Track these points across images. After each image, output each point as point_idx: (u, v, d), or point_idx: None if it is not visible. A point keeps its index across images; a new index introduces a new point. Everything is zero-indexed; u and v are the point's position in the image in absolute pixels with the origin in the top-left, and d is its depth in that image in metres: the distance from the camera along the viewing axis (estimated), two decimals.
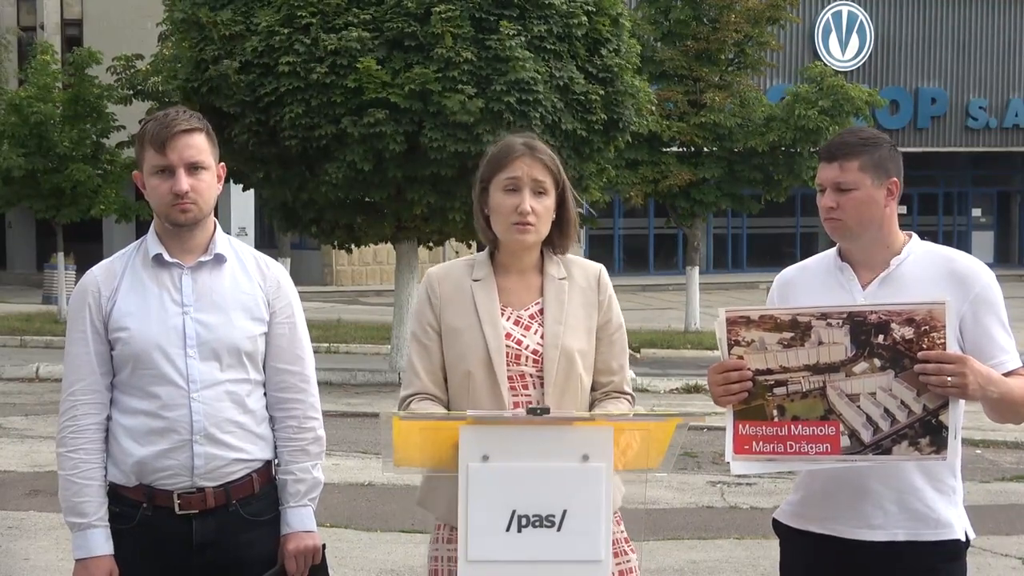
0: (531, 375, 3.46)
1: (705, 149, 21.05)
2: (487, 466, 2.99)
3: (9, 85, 26.16)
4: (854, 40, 34.60)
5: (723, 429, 3.38)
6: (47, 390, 14.74)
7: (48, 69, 21.97)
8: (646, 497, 8.82)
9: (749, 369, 3.28)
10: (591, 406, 3.53)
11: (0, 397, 14.44)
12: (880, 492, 3.41)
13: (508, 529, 2.99)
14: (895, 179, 3.50)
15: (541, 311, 3.51)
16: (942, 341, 3.17)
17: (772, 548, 7.68)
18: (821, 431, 3.24)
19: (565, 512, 3.00)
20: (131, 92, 21.12)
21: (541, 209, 3.46)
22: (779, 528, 3.68)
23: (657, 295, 29.64)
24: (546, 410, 3.08)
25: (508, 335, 3.46)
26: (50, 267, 25.33)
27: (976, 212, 38.85)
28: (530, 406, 3.29)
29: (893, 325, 3.19)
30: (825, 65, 22.95)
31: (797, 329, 3.25)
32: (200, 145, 3.49)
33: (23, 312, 23.75)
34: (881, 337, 3.20)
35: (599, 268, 3.61)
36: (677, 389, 15.17)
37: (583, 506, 3.00)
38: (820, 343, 3.24)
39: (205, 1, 14.65)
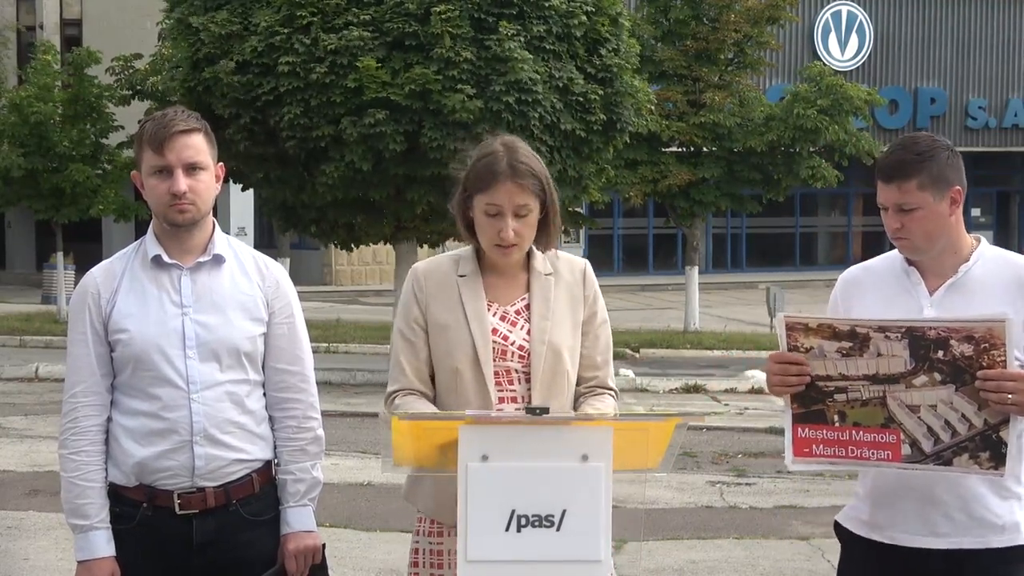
0: (517, 371, 3.47)
1: (704, 149, 21.05)
2: (486, 466, 2.99)
3: (8, 83, 26.16)
4: (853, 40, 34.60)
5: (723, 430, 3.40)
6: (47, 390, 14.74)
7: (49, 69, 21.96)
8: (646, 497, 8.82)
9: (810, 374, 3.28)
10: (575, 401, 3.53)
11: (0, 397, 14.43)
12: (947, 500, 3.38)
13: (507, 529, 2.99)
14: (957, 187, 3.39)
15: (527, 307, 3.51)
16: (1002, 359, 3.14)
17: (771, 548, 7.72)
18: (882, 438, 3.24)
19: (564, 512, 3.00)
20: (130, 92, 21.13)
21: (524, 229, 3.45)
22: (841, 532, 3.63)
23: (656, 295, 29.63)
24: (545, 410, 3.08)
25: (495, 331, 3.47)
26: (49, 267, 25.32)
27: (975, 212, 38.83)
28: (528, 406, 3.30)
29: (952, 342, 3.17)
30: (824, 65, 22.95)
31: (856, 339, 3.24)
32: (198, 145, 3.49)
33: (22, 312, 23.74)
34: (941, 353, 3.18)
35: (584, 263, 3.62)
36: (677, 389, 15.17)
37: (582, 506, 3.01)
38: (879, 354, 3.22)
39: (201, 2, 14.64)
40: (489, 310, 3.49)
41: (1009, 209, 39.38)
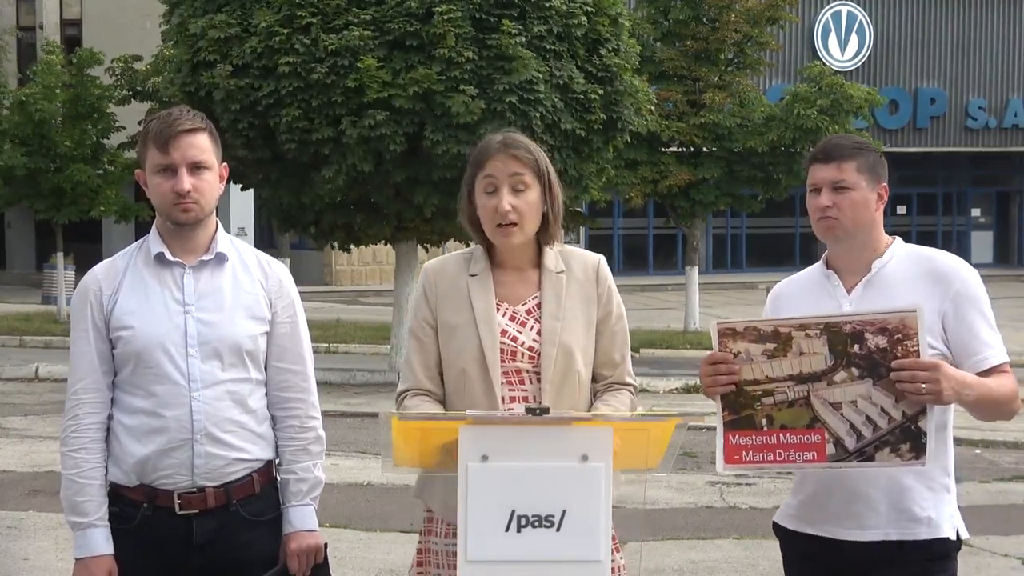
0: (527, 371, 3.45)
1: (704, 149, 21.05)
2: (486, 466, 2.99)
3: (9, 84, 26.17)
4: (853, 40, 34.60)
5: None
6: (46, 390, 14.74)
7: (53, 69, 21.95)
8: (646, 497, 8.82)
9: (737, 374, 3.34)
10: (593, 398, 3.52)
11: (0, 397, 14.43)
12: (872, 494, 3.46)
13: (508, 529, 2.99)
14: (884, 184, 3.56)
15: (538, 306, 3.49)
16: (915, 349, 3.21)
17: (771, 548, 7.69)
18: (808, 439, 3.29)
19: (564, 512, 3.00)
20: (129, 92, 21.11)
21: (523, 206, 3.42)
22: (778, 530, 3.73)
23: (656, 295, 29.63)
24: (545, 410, 3.08)
25: (504, 332, 3.45)
26: (49, 267, 25.32)
27: (975, 212, 38.84)
28: (528, 405, 3.29)
29: (867, 335, 3.24)
30: (824, 65, 22.94)
31: (779, 340, 3.31)
32: (203, 145, 3.49)
33: (22, 312, 23.73)
34: (857, 347, 3.25)
35: (598, 259, 3.58)
36: (676, 389, 15.17)
37: (582, 506, 3.01)
38: (801, 353, 3.29)
39: (200, 4, 14.62)
40: (499, 310, 3.47)
41: (1009, 209, 39.35)
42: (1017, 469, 10.70)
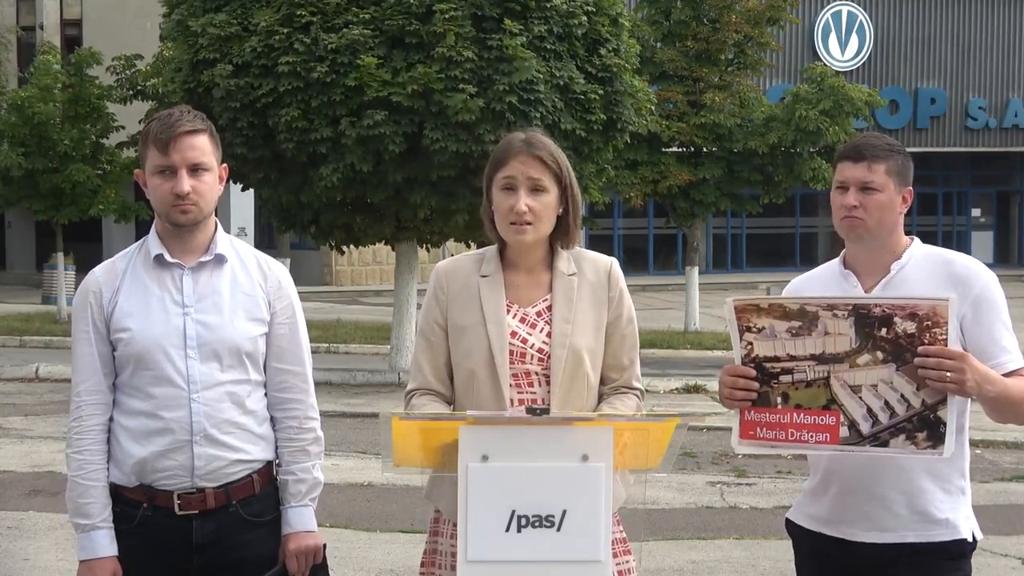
0: (536, 373, 3.44)
1: (705, 149, 21.04)
2: (487, 466, 2.99)
3: (8, 84, 26.16)
4: (853, 40, 34.60)
5: (723, 430, 3.42)
6: (47, 390, 14.74)
7: (51, 69, 21.95)
8: (646, 497, 8.82)
9: (757, 356, 3.32)
10: (599, 401, 3.51)
11: (0, 397, 14.43)
12: (890, 496, 3.46)
13: (508, 529, 2.99)
14: (910, 188, 3.55)
15: (549, 308, 3.48)
16: (943, 337, 3.18)
17: (771, 548, 7.72)
18: (822, 420, 3.27)
19: (565, 512, 3.00)
20: (131, 92, 21.12)
21: (539, 207, 3.42)
22: (792, 528, 3.71)
23: (657, 295, 29.64)
24: (546, 410, 3.08)
25: (514, 333, 3.45)
26: (49, 267, 25.33)
27: (976, 212, 38.84)
28: (529, 406, 3.29)
29: (896, 319, 3.21)
30: (825, 65, 22.93)
31: (805, 318, 3.29)
32: (203, 146, 3.49)
33: (22, 312, 23.73)
34: (884, 330, 3.22)
35: (610, 262, 3.58)
36: (677, 389, 15.16)
37: (583, 506, 3.01)
38: (826, 333, 3.27)
39: (200, 4, 14.61)
40: (509, 312, 3.47)
41: (1009, 209, 39.37)
42: (1017, 469, 10.70)
